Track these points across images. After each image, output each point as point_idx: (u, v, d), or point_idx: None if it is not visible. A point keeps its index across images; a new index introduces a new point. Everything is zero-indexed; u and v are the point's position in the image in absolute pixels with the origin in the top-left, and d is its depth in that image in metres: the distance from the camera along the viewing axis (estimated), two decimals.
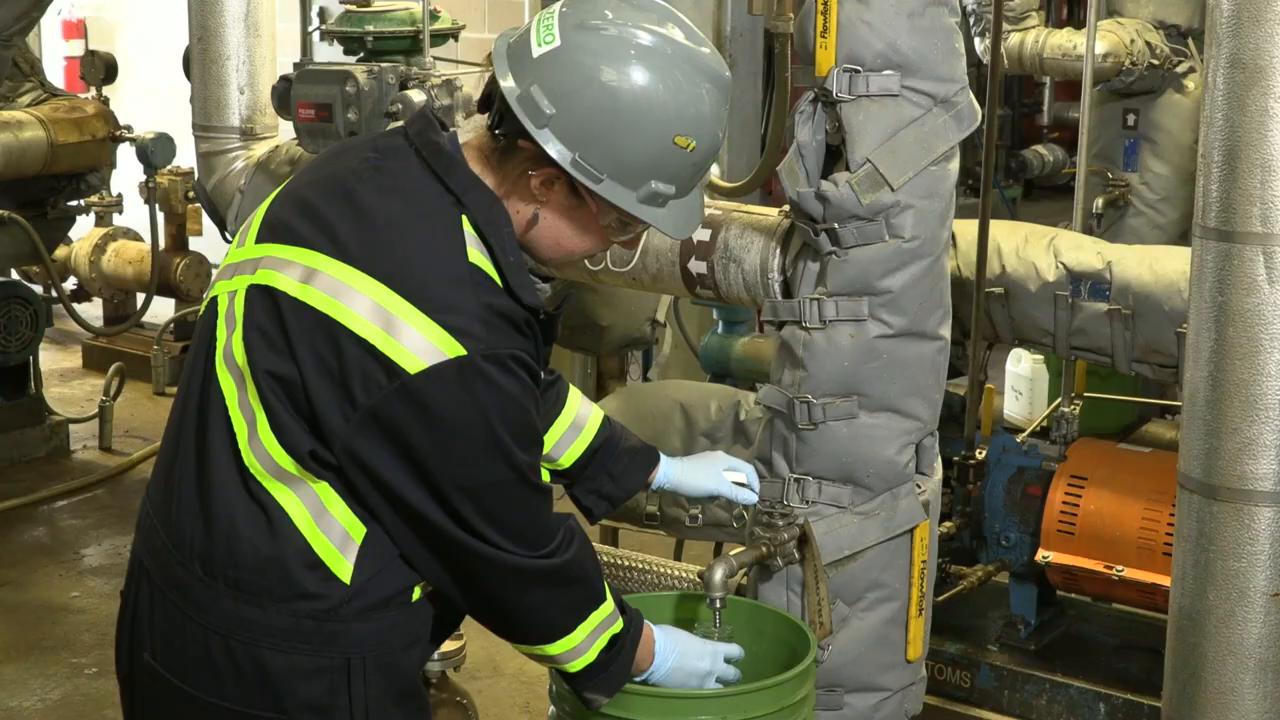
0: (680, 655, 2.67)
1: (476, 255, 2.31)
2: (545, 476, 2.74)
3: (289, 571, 2.33)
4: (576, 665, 2.50)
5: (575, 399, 2.89)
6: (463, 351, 2.23)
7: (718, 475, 2.99)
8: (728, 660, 2.76)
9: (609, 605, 2.51)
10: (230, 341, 2.35)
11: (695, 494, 3.02)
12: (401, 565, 2.38)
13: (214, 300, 2.43)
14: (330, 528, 2.32)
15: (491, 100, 2.37)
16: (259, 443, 2.31)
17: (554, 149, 2.29)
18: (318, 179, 2.42)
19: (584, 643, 2.48)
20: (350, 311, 2.25)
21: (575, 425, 2.87)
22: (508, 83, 2.31)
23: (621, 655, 2.54)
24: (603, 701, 2.56)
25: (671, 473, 2.97)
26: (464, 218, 2.32)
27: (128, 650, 2.50)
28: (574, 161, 2.30)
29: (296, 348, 2.27)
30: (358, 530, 2.33)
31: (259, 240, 2.39)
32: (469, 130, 2.44)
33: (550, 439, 2.81)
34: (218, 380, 2.36)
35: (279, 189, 2.48)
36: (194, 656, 2.38)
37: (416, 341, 2.23)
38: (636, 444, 2.96)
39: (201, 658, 2.37)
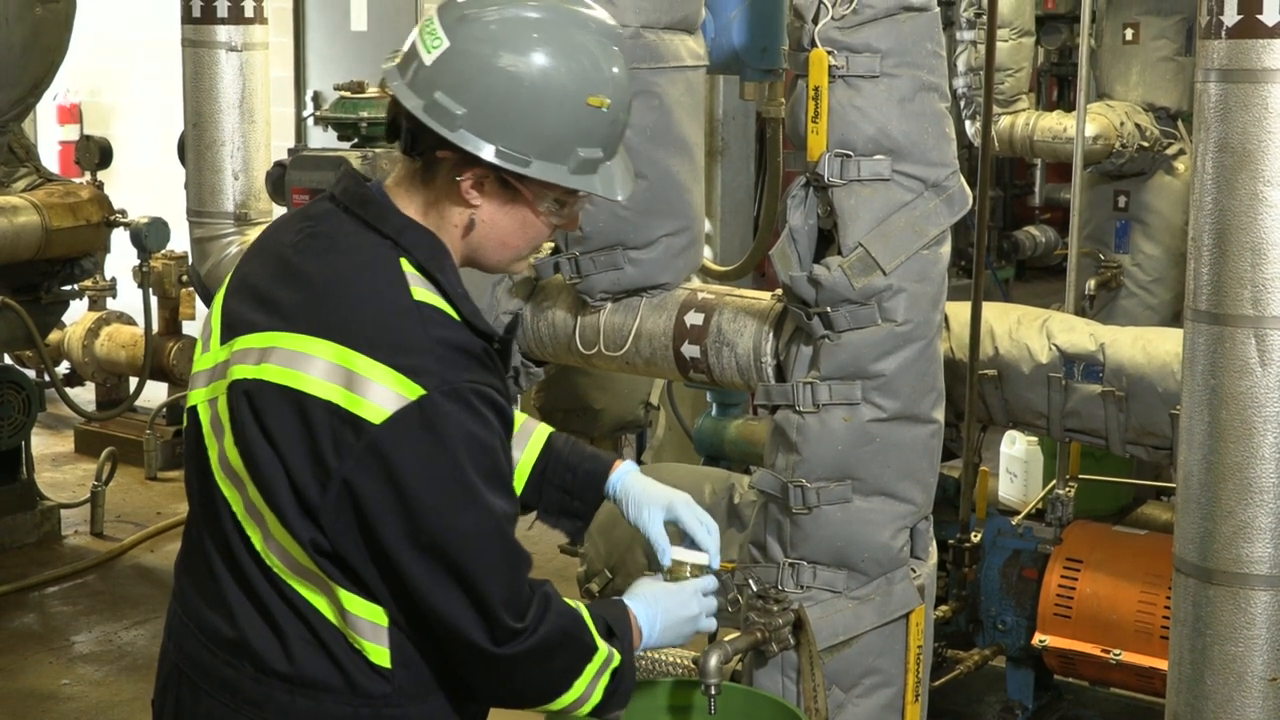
0: (665, 614, 2.57)
1: (422, 293, 2.30)
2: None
3: (336, 662, 2.32)
4: (585, 709, 2.46)
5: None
6: (422, 391, 2.21)
7: (657, 526, 2.69)
8: (706, 593, 2.63)
9: (601, 651, 2.43)
10: (223, 449, 2.33)
11: (633, 523, 2.76)
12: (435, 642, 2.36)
13: (194, 411, 2.42)
14: (355, 622, 2.31)
15: (399, 125, 2.37)
16: (275, 542, 2.30)
17: (474, 146, 2.28)
18: (261, 263, 2.42)
19: (586, 691, 2.43)
20: (309, 378, 2.24)
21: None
22: (410, 100, 2.31)
23: (625, 675, 2.48)
24: (621, 710, 2.52)
25: (626, 485, 2.74)
26: (403, 260, 2.32)
27: None
28: (498, 152, 2.29)
29: (271, 430, 2.26)
30: (380, 616, 2.31)
31: (223, 341, 2.39)
32: (390, 170, 2.43)
33: None
34: (221, 492, 2.35)
35: (225, 285, 2.47)
36: None
37: (377, 392, 2.21)
38: (588, 453, 2.81)
39: None
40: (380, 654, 2.32)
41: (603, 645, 2.44)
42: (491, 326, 2.36)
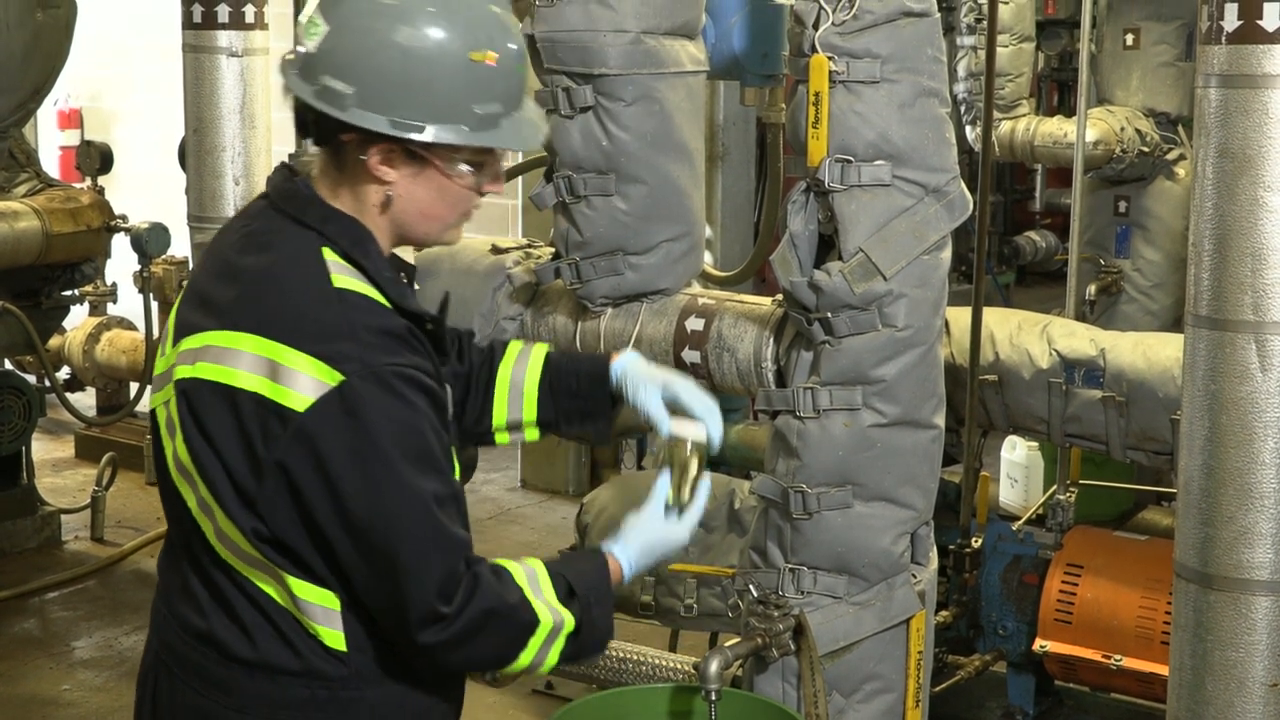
0: (650, 544, 2.54)
1: (344, 280, 2.33)
2: (534, 435, 2.78)
3: (294, 647, 2.36)
4: (545, 669, 2.46)
5: (506, 369, 2.78)
6: (341, 377, 2.25)
7: (655, 401, 2.71)
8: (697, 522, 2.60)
9: (546, 623, 2.39)
10: (176, 448, 2.39)
11: (633, 403, 2.77)
12: None
13: (153, 415, 2.48)
14: (307, 608, 2.35)
15: (305, 120, 2.40)
16: (225, 536, 2.36)
17: (368, 121, 2.30)
18: (210, 266, 2.47)
19: (537, 658, 2.41)
20: (236, 372, 2.29)
21: (514, 389, 2.77)
22: (301, 89, 2.34)
23: (590, 631, 2.44)
24: (599, 656, 2.49)
25: (626, 370, 2.76)
26: (325, 249, 2.35)
27: None
28: (393, 123, 2.31)
29: (208, 426, 2.32)
30: (332, 601, 2.35)
31: (174, 344, 2.44)
32: (312, 163, 2.47)
33: (498, 414, 2.77)
34: (178, 491, 2.41)
35: (183, 292, 2.52)
36: None
37: (299, 380, 2.25)
38: (587, 355, 2.83)
39: None
40: (335, 638, 2.35)
41: (546, 616, 2.39)
42: (421, 308, 2.39)
